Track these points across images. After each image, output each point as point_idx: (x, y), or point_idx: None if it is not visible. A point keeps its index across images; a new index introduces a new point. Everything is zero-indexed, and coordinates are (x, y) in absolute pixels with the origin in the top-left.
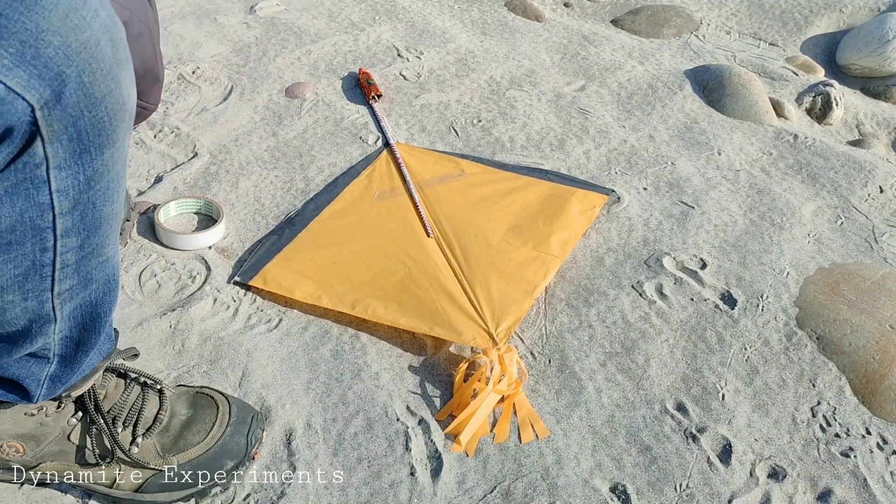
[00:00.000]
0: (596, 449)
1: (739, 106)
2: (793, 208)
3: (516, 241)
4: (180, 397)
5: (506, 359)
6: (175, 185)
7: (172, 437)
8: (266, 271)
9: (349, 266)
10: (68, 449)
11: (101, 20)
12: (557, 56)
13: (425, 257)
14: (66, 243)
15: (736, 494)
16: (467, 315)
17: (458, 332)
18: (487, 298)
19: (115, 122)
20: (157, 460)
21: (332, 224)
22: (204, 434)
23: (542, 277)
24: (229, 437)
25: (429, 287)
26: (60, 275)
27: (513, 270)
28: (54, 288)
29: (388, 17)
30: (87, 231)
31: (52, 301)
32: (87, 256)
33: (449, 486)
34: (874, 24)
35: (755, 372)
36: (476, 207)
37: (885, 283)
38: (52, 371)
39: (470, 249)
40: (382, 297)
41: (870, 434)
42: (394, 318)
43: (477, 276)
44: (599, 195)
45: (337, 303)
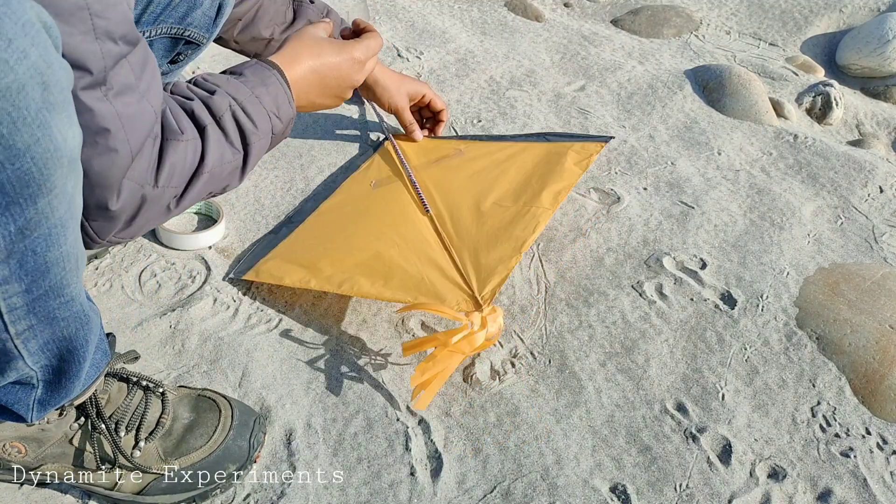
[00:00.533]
0: (596, 449)
1: (739, 106)
2: (793, 208)
3: (508, 201)
4: (182, 400)
5: (489, 320)
6: None
7: (175, 440)
8: (259, 265)
9: (340, 251)
10: (70, 452)
11: (29, 62)
12: (557, 56)
13: (416, 234)
14: (7, 290)
15: (736, 494)
16: (452, 282)
17: (442, 298)
18: (475, 263)
19: (47, 170)
20: (160, 464)
21: (328, 217)
22: (207, 438)
23: (532, 231)
24: (232, 441)
25: (416, 261)
26: (11, 317)
27: (502, 231)
28: (9, 329)
29: (388, 17)
30: (30, 277)
31: (13, 340)
32: (41, 298)
33: (449, 486)
34: (874, 24)
35: (755, 372)
36: (471, 179)
37: (885, 283)
38: (40, 396)
39: (461, 220)
40: (369, 274)
41: (870, 434)
42: (378, 293)
43: (466, 244)
44: (596, 143)
45: (324, 284)
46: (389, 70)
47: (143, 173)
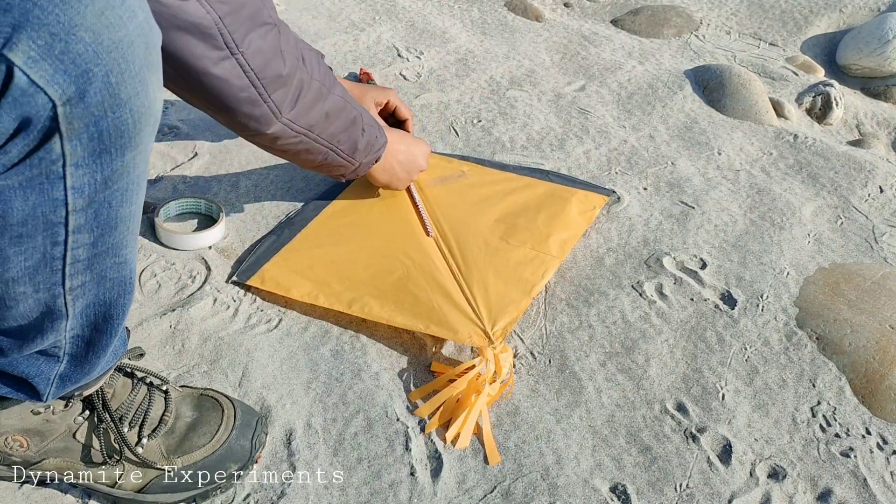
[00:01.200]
0: (596, 449)
1: (739, 106)
2: (793, 208)
3: (515, 240)
4: (185, 399)
5: (501, 359)
6: (175, 185)
7: (178, 438)
8: (264, 271)
9: (347, 265)
10: (73, 447)
11: (137, 21)
12: (557, 56)
13: (424, 257)
14: (78, 239)
15: (736, 494)
16: (464, 314)
17: (454, 330)
18: (484, 297)
19: (140, 125)
20: (162, 461)
21: (332, 224)
22: (209, 437)
23: (540, 277)
24: (234, 441)
25: (426, 286)
26: (71, 269)
27: (511, 270)
28: (65, 282)
29: (388, 17)
30: (100, 229)
31: (65, 296)
32: (101, 255)
33: (449, 486)
34: (874, 24)
35: (755, 372)
36: (475, 208)
37: (885, 283)
38: (62, 370)
39: (468, 249)
40: (379, 295)
41: (870, 434)
42: (390, 317)
43: (475, 275)
44: (600, 196)
45: (334, 302)
46: (352, 83)
47: (293, 48)
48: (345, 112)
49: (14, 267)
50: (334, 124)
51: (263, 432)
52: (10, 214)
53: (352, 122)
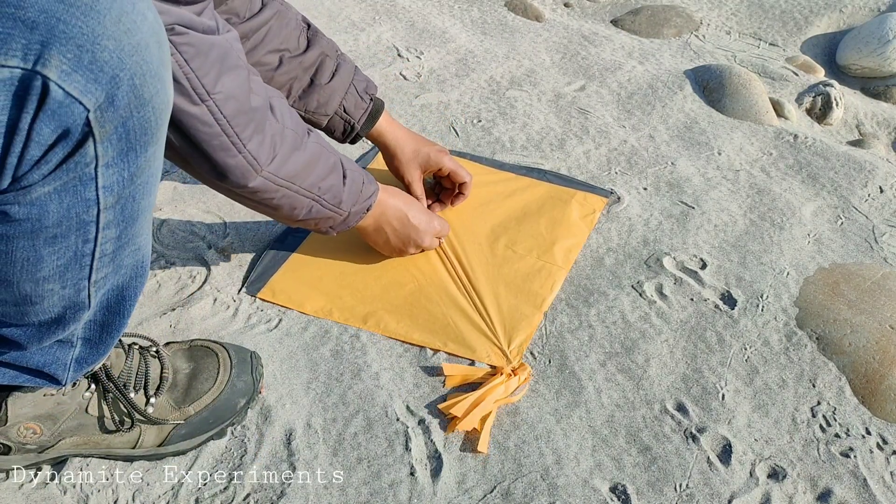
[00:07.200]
0: (596, 449)
1: (739, 106)
2: (793, 208)
3: (520, 248)
4: (177, 354)
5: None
6: (175, 185)
7: (182, 390)
8: (273, 282)
9: (357, 276)
10: (87, 421)
11: (149, 23)
12: (557, 56)
13: (432, 269)
14: (107, 234)
15: (736, 494)
16: (480, 331)
17: (472, 349)
18: (498, 313)
19: (161, 120)
20: (174, 413)
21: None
22: (212, 381)
23: (550, 290)
24: (236, 378)
25: (439, 301)
26: (98, 264)
27: (520, 282)
28: (91, 276)
29: (388, 17)
30: (125, 223)
31: (89, 289)
32: (123, 246)
33: (449, 486)
34: (874, 24)
35: (755, 372)
36: (477, 212)
37: (885, 283)
38: (77, 354)
39: (475, 259)
40: (394, 311)
41: (870, 434)
42: (407, 334)
43: (485, 288)
44: (599, 198)
45: (348, 317)
46: (408, 132)
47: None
48: (322, 158)
49: (46, 266)
50: (314, 172)
51: (260, 364)
52: (46, 217)
53: (331, 167)
